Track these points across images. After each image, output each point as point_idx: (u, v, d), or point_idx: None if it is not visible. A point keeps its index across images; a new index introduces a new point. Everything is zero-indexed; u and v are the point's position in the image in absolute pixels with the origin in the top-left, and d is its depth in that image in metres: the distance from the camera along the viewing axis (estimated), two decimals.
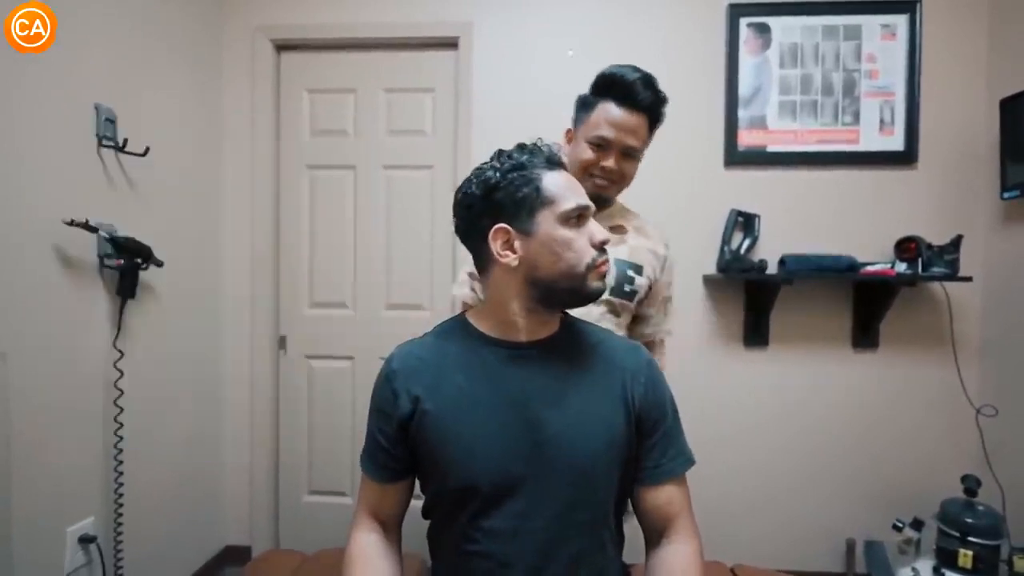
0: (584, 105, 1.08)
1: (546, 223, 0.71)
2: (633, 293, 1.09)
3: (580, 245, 0.72)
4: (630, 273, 1.08)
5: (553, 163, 0.75)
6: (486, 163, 0.77)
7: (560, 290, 0.73)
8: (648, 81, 1.04)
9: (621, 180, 1.08)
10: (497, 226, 0.72)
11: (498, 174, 0.73)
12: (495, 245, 0.73)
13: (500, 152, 0.76)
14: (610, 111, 1.03)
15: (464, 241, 0.79)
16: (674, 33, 1.85)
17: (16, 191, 1.18)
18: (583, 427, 0.72)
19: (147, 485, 1.56)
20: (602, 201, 1.08)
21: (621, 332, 1.11)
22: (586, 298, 0.74)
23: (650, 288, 1.12)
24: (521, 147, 0.76)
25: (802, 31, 1.82)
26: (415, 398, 0.74)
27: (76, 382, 1.34)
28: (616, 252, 1.07)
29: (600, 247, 0.73)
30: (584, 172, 1.06)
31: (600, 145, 1.04)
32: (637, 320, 1.16)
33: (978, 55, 1.79)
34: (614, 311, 1.08)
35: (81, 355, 1.36)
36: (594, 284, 0.74)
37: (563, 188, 0.73)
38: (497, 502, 0.71)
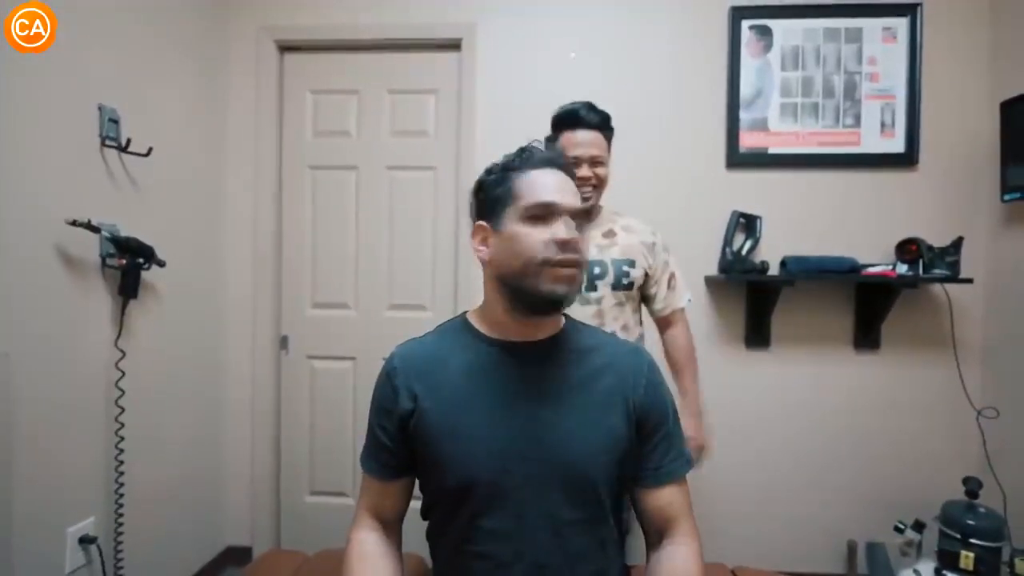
0: (550, 141, 1.31)
1: (510, 220, 0.72)
2: (631, 284, 1.30)
3: (533, 240, 0.69)
4: (625, 268, 1.29)
5: (548, 163, 0.75)
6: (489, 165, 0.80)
7: (522, 290, 0.71)
8: (589, 105, 1.29)
9: (600, 184, 1.29)
10: (476, 223, 0.76)
11: (489, 175, 0.77)
12: (473, 241, 0.77)
13: (505, 155, 0.78)
14: (568, 136, 1.28)
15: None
16: (676, 35, 1.86)
17: (19, 191, 1.18)
18: (581, 427, 0.73)
19: (148, 486, 1.56)
20: (588, 208, 1.27)
21: (632, 317, 1.33)
22: (542, 301, 0.70)
23: (647, 274, 1.33)
24: (520, 150, 0.77)
25: (803, 33, 1.82)
26: (415, 396, 0.74)
27: (77, 382, 1.34)
28: (610, 253, 1.30)
29: (562, 245, 0.69)
30: None
31: (572, 163, 1.24)
32: (647, 300, 1.38)
33: (979, 58, 1.79)
34: (620, 303, 1.31)
35: (83, 355, 1.35)
36: (547, 286, 0.69)
37: (535, 185, 0.71)
38: (496, 501, 0.71)
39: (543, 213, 0.70)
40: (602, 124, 1.29)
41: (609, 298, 1.28)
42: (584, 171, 1.25)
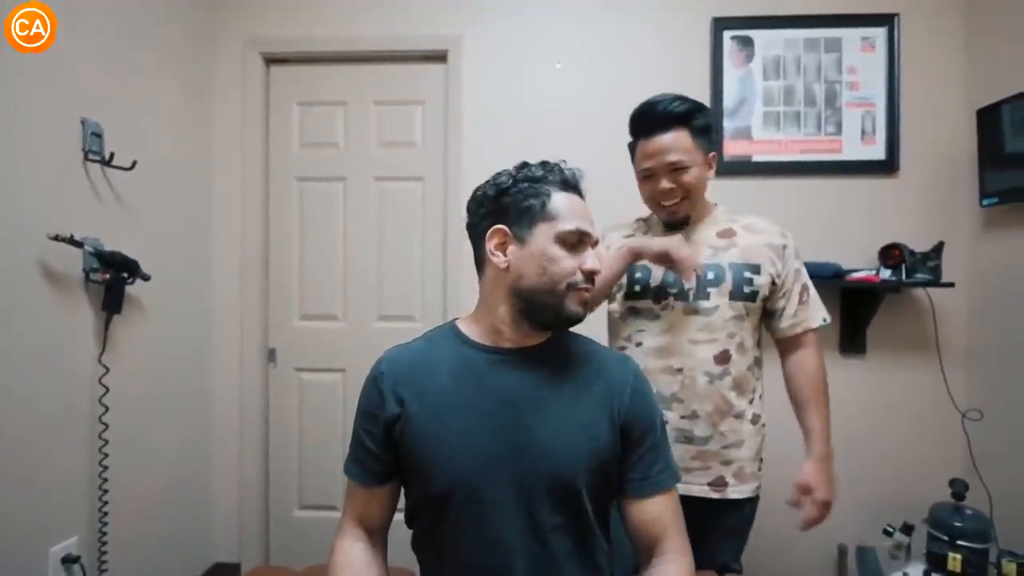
0: (631, 151, 1.16)
1: (542, 236, 0.74)
2: (754, 293, 1.10)
3: (567, 264, 0.74)
4: (747, 274, 1.09)
5: (568, 185, 0.77)
6: (506, 169, 0.79)
7: (540, 305, 0.74)
8: (668, 99, 1.08)
9: (686, 194, 1.09)
10: (495, 226, 0.75)
11: (511, 180, 0.77)
12: (489, 244, 0.76)
13: (524, 164, 0.79)
14: (642, 146, 1.11)
15: (470, 238, 0.81)
16: (661, 45, 1.88)
17: (0, 204, 1.17)
18: (566, 433, 0.73)
19: (133, 503, 1.53)
20: (681, 221, 1.14)
21: (751, 336, 1.13)
22: (564, 319, 0.76)
23: (774, 283, 1.11)
24: (543, 164, 0.79)
25: (784, 44, 1.85)
26: (402, 400, 0.75)
27: (60, 399, 1.32)
28: (727, 256, 1.10)
29: (588, 275, 0.75)
30: (652, 203, 1.14)
31: (648, 176, 1.11)
32: (770, 315, 1.16)
33: (956, 66, 1.83)
34: (738, 316, 1.10)
35: (66, 371, 1.34)
36: (572, 307, 0.75)
37: (569, 210, 0.75)
38: (480, 507, 0.71)
39: (578, 240, 0.74)
40: (684, 117, 1.07)
41: (725, 309, 1.08)
42: (664, 183, 1.07)
